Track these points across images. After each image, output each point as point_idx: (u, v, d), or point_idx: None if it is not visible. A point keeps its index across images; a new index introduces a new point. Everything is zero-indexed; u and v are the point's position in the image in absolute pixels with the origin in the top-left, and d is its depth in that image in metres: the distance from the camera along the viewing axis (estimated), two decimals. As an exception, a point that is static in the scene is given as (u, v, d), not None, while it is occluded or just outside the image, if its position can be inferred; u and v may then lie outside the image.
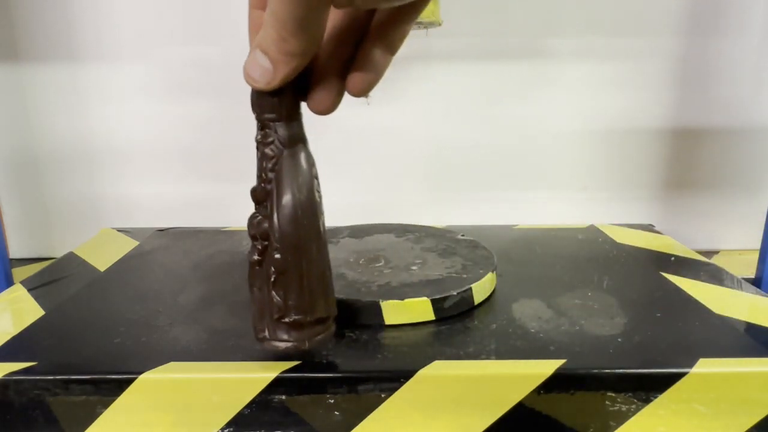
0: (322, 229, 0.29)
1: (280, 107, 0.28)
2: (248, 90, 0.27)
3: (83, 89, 0.60)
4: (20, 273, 0.56)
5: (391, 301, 0.35)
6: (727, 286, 0.42)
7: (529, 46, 0.60)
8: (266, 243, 0.28)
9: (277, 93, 0.27)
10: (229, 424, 0.30)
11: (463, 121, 0.62)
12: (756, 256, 0.53)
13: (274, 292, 0.29)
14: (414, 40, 0.59)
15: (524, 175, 0.64)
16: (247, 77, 0.26)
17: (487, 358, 0.32)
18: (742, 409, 0.30)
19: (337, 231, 0.50)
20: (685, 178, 0.64)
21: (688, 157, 0.63)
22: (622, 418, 0.30)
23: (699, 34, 0.59)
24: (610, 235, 0.55)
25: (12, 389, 0.30)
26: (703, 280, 0.43)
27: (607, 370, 0.30)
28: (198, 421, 0.30)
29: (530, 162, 0.63)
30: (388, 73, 0.68)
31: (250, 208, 0.67)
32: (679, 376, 0.30)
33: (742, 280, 0.43)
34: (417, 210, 0.64)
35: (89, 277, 0.44)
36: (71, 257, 0.50)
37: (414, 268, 0.41)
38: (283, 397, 0.30)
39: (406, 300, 0.36)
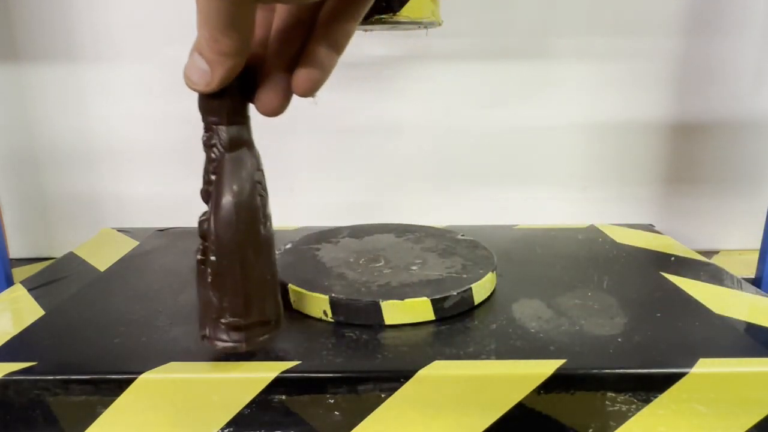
0: (263, 233, 0.29)
1: (221, 110, 0.28)
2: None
3: (83, 89, 0.60)
4: (20, 273, 0.56)
5: (391, 301, 0.35)
6: (727, 286, 0.42)
7: (529, 46, 0.60)
8: (207, 243, 0.29)
9: (218, 95, 0.27)
10: (229, 424, 0.30)
11: (463, 121, 0.62)
12: (756, 256, 0.53)
13: (212, 293, 0.29)
14: (414, 40, 0.59)
15: (524, 175, 0.64)
16: (187, 80, 0.26)
17: (487, 358, 0.32)
18: (742, 409, 0.30)
19: (337, 231, 0.50)
20: (685, 179, 0.64)
21: (688, 157, 0.63)
22: (622, 418, 0.31)
23: (699, 34, 0.59)
24: (610, 235, 0.55)
25: (12, 389, 0.30)
26: (703, 280, 0.43)
27: (607, 370, 0.30)
28: (198, 421, 0.30)
29: (530, 162, 0.63)
30: (389, 72, 0.68)
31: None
32: (679, 376, 0.30)
33: (742, 280, 0.43)
34: (417, 210, 0.64)
35: (89, 277, 0.44)
36: (71, 257, 0.50)
37: (414, 268, 0.41)
38: (283, 397, 0.30)
39: (406, 300, 0.36)
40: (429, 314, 0.36)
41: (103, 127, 0.62)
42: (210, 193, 0.29)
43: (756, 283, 0.53)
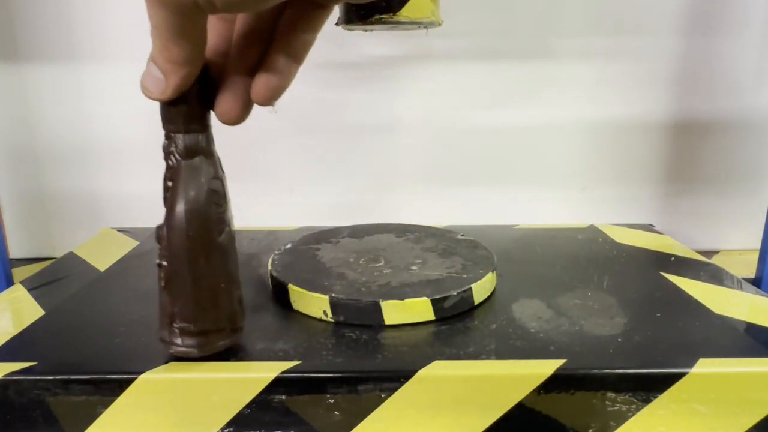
0: (219, 240, 0.30)
1: (177, 118, 0.28)
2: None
3: (83, 88, 0.60)
4: (20, 273, 0.56)
5: (391, 301, 0.35)
6: (727, 286, 0.42)
7: (529, 46, 0.60)
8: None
9: (174, 104, 0.27)
10: (229, 424, 0.30)
11: (463, 121, 0.62)
12: (756, 256, 0.53)
13: (165, 297, 0.30)
14: (414, 40, 0.59)
15: (524, 175, 0.64)
16: (143, 89, 0.26)
17: (487, 358, 0.32)
18: (742, 409, 0.30)
19: (337, 231, 0.50)
20: (685, 179, 0.64)
21: (688, 158, 0.63)
22: (622, 418, 0.31)
23: (699, 34, 0.59)
24: (610, 235, 0.55)
25: (12, 389, 0.30)
26: (703, 280, 0.43)
27: (607, 370, 0.30)
28: (198, 421, 0.30)
29: (530, 162, 0.63)
30: (389, 72, 0.68)
31: (250, 208, 0.67)
32: (679, 376, 0.30)
33: (742, 280, 0.43)
34: (417, 210, 0.64)
35: (89, 277, 0.44)
36: (71, 257, 0.50)
37: (414, 268, 0.41)
38: (283, 397, 0.30)
39: (406, 300, 0.36)
40: (429, 314, 0.36)
41: (103, 126, 0.62)
42: (167, 200, 0.29)
43: (756, 283, 0.53)
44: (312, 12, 0.26)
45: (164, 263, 0.29)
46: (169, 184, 0.29)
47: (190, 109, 0.28)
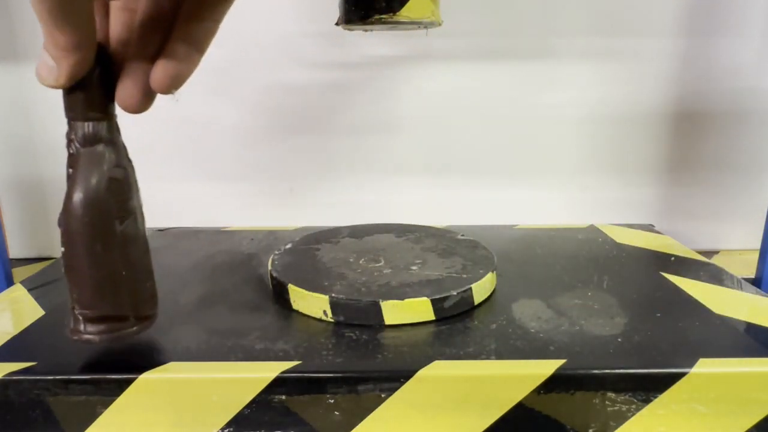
0: (120, 228, 0.30)
1: (75, 105, 0.28)
2: (248, 89, 0.28)
3: (83, 89, 0.60)
4: (20, 273, 0.56)
5: (391, 301, 0.35)
6: (727, 286, 0.42)
7: (529, 46, 0.60)
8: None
9: (71, 91, 0.27)
10: (229, 424, 0.30)
11: (463, 121, 0.62)
12: (756, 256, 0.53)
13: (67, 283, 0.30)
14: (414, 40, 0.59)
15: (524, 175, 0.64)
16: (38, 77, 0.26)
17: (487, 358, 0.32)
18: (742, 409, 0.30)
19: (337, 231, 0.50)
20: (685, 179, 0.64)
21: (689, 158, 0.63)
22: (622, 418, 0.31)
23: (699, 33, 0.59)
24: (610, 235, 0.55)
25: (12, 389, 0.30)
26: (703, 280, 0.43)
27: (607, 370, 0.30)
28: (198, 421, 0.30)
29: (530, 162, 0.63)
30: (389, 72, 0.68)
31: (250, 208, 0.67)
32: (679, 376, 0.30)
33: (742, 280, 0.43)
34: (417, 210, 0.64)
35: (89, 277, 0.44)
36: (71, 257, 0.49)
37: (414, 268, 0.41)
38: (283, 397, 0.30)
39: (406, 300, 0.36)
40: (429, 314, 0.36)
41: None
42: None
43: (756, 283, 0.53)
44: (212, 2, 0.26)
45: (62, 249, 0.30)
46: (70, 171, 0.29)
47: (89, 96, 0.28)
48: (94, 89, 0.28)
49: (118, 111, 0.30)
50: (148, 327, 0.31)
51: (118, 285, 0.30)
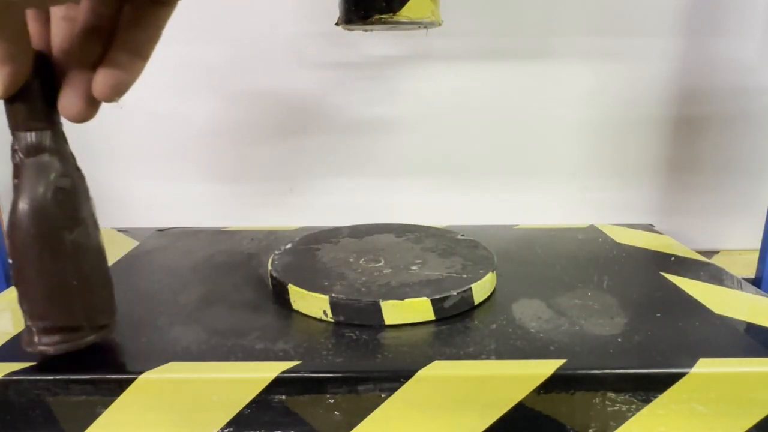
0: (70, 238, 0.29)
1: (17, 115, 0.28)
2: (248, 89, 0.28)
3: (83, 89, 0.60)
4: (20, 273, 0.56)
5: (391, 301, 0.35)
6: (727, 286, 0.42)
7: (529, 46, 0.60)
8: None
9: (12, 101, 0.27)
10: (229, 424, 0.30)
11: (463, 121, 0.62)
12: (756, 256, 0.53)
13: (18, 295, 0.30)
14: (414, 40, 0.59)
15: (524, 175, 0.64)
16: None
17: (487, 358, 0.32)
18: (742, 409, 0.30)
19: (337, 231, 0.50)
20: (685, 179, 0.64)
21: (689, 158, 0.63)
22: (622, 418, 0.31)
23: (699, 33, 0.59)
24: (610, 235, 0.55)
25: (12, 389, 0.30)
26: (703, 280, 0.43)
27: (607, 370, 0.30)
28: (198, 421, 0.30)
29: (530, 162, 0.63)
30: (389, 72, 0.68)
31: (251, 208, 0.67)
32: (679, 376, 0.30)
33: (742, 280, 0.43)
34: (417, 210, 0.64)
35: (89, 277, 0.44)
36: (71, 257, 0.49)
37: (414, 268, 0.41)
38: (283, 397, 0.30)
39: (406, 300, 0.36)
40: (429, 314, 0.36)
41: (102, 127, 0.62)
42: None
43: (756, 283, 0.53)
44: (152, 8, 0.26)
45: (9, 261, 0.29)
46: (15, 182, 0.29)
47: (30, 106, 0.27)
48: (35, 99, 0.27)
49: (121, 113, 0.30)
50: (106, 336, 0.31)
51: (69, 295, 0.30)
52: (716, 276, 0.44)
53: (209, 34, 0.59)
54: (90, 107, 0.28)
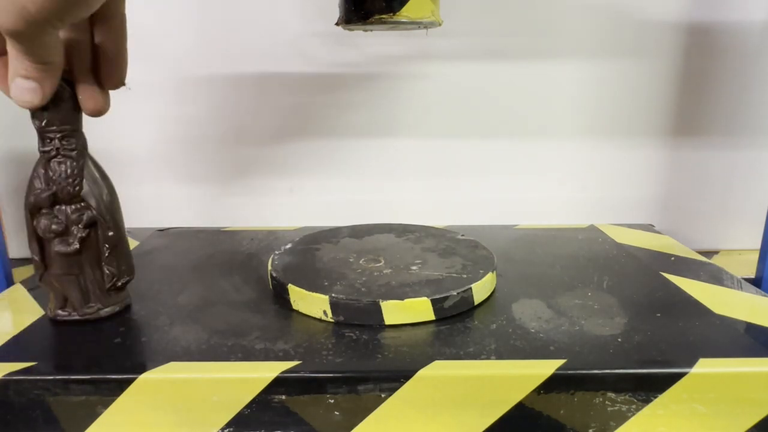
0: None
1: (51, 120, 0.33)
2: (249, 90, 0.28)
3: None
4: (20, 273, 0.56)
5: (391, 301, 0.35)
6: (727, 286, 0.42)
7: (529, 46, 0.60)
8: (88, 230, 0.35)
9: (45, 108, 0.32)
10: (229, 424, 0.30)
11: (463, 120, 0.62)
12: (756, 256, 0.53)
13: (107, 265, 0.36)
14: (414, 40, 0.59)
15: (525, 175, 0.64)
16: (19, 100, 0.30)
17: (487, 358, 0.32)
18: (742, 409, 0.30)
19: (337, 231, 0.50)
20: (685, 178, 0.64)
21: (689, 158, 0.63)
22: (622, 418, 0.31)
23: (699, 34, 0.59)
24: (610, 235, 0.55)
25: (12, 389, 0.30)
26: (703, 280, 0.43)
27: (607, 370, 0.30)
28: (198, 421, 0.30)
29: (530, 162, 0.63)
30: (389, 72, 0.68)
31: (251, 207, 0.67)
32: (679, 376, 0.30)
33: (742, 280, 0.43)
34: (417, 210, 0.64)
35: (89, 277, 0.44)
36: (71, 257, 0.49)
37: (414, 268, 0.41)
38: (283, 397, 0.30)
39: (406, 300, 0.36)
40: (429, 314, 0.36)
41: (102, 127, 0.61)
42: (56, 195, 0.34)
43: (756, 283, 0.53)
44: (105, 24, 0.33)
45: (110, 234, 0.36)
46: (77, 178, 0.35)
47: (62, 109, 0.33)
48: (66, 102, 0.33)
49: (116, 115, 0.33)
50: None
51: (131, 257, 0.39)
52: (716, 276, 0.44)
53: (209, 35, 0.59)
54: (106, 99, 0.34)
